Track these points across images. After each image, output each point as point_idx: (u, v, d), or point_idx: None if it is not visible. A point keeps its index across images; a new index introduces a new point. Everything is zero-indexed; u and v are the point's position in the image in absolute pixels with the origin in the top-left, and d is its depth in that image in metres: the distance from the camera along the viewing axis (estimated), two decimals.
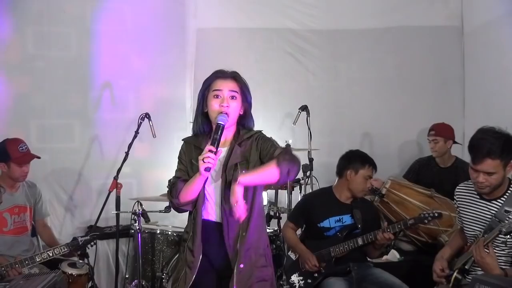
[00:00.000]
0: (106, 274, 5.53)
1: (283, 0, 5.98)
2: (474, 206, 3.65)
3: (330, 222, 4.38)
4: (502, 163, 3.37)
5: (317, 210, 4.44)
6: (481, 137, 3.46)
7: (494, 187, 3.45)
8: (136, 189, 5.51)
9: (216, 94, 2.96)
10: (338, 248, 4.25)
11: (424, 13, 6.16)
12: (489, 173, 3.38)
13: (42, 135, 5.42)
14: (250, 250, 3.02)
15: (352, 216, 4.35)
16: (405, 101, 6.16)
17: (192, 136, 3.15)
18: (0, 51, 5.29)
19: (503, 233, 3.19)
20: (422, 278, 4.06)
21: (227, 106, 2.92)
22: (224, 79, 3.00)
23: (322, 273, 4.27)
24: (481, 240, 3.26)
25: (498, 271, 3.21)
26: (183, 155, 3.14)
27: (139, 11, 5.67)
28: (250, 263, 3.01)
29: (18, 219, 4.66)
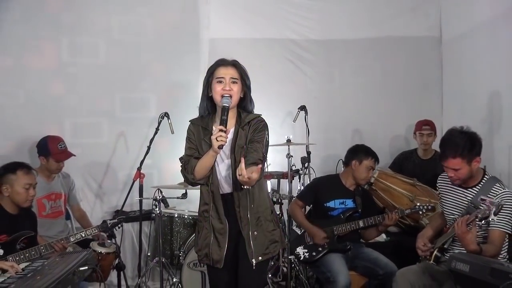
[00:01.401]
0: (130, 252, 5.54)
1: (284, 14, 5.97)
2: (453, 193, 3.67)
3: (335, 203, 4.47)
4: (465, 160, 3.41)
5: (325, 191, 4.52)
6: (447, 138, 3.55)
7: (464, 179, 3.50)
8: (156, 178, 5.51)
9: (219, 80, 3.01)
10: (341, 227, 4.32)
11: (407, 25, 6.14)
12: (455, 169, 3.43)
13: (75, 131, 5.43)
14: (260, 218, 3.09)
15: (354, 201, 4.43)
16: (390, 102, 6.14)
17: (198, 118, 3.18)
18: (39, 59, 5.31)
19: (479, 218, 3.20)
20: (405, 256, 4.06)
21: (230, 90, 2.98)
22: (226, 67, 3.07)
23: (326, 248, 4.30)
24: (464, 218, 3.26)
25: (475, 246, 3.20)
26: (192, 135, 3.17)
27: (158, 23, 5.66)
28: (262, 230, 3.09)
29: (54, 205, 4.68)
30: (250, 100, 3.15)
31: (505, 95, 5.00)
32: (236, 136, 3.05)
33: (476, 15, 5.47)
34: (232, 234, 3.09)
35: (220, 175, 3.11)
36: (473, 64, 5.57)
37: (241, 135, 3.05)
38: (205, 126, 3.12)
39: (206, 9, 5.79)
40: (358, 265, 4.30)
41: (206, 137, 3.07)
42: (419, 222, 4.66)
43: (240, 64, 3.13)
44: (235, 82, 3.03)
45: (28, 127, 5.07)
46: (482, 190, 3.47)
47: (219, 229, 3.09)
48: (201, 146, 3.10)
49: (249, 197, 3.06)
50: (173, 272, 4.99)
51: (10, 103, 5.21)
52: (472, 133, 3.47)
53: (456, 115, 5.59)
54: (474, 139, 3.44)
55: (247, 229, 3.05)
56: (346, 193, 4.49)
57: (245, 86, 3.10)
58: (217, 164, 3.09)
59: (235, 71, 3.07)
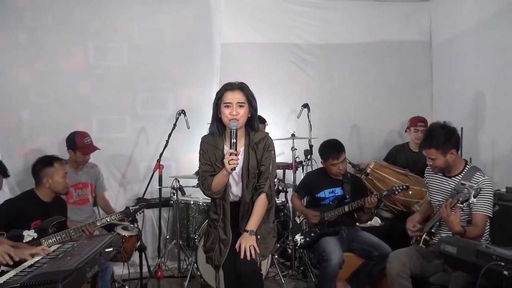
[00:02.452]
0: (151, 236, 5.54)
1: (289, 21, 5.93)
2: (438, 182, 3.70)
3: (325, 193, 4.47)
4: (439, 151, 3.46)
5: (315, 184, 4.54)
6: (428, 129, 3.60)
7: (440, 168, 3.54)
8: (174, 169, 5.51)
9: (226, 105, 2.99)
10: (329, 214, 4.32)
11: (400, 30, 6.12)
12: (431, 158, 3.49)
13: (101, 127, 5.44)
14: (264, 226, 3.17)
15: (343, 189, 4.39)
16: (385, 100, 6.12)
17: (210, 136, 3.19)
18: (68, 61, 5.33)
19: (460, 201, 3.25)
20: (398, 238, 4.07)
21: (237, 114, 2.97)
22: (233, 91, 3.03)
23: (318, 233, 4.32)
24: (448, 202, 3.28)
25: (459, 228, 3.23)
26: (205, 153, 3.18)
27: (175, 30, 5.64)
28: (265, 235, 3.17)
29: (81, 193, 4.70)
30: (255, 121, 3.16)
31: (489, 94, 5.00)
32: (247, 157, 3.11)
33: (462, 22, 5.45)
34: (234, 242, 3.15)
35: (232, 195, 3.18)
36: (460, 66, 5.56)
37: (252, 156, 3.11)
38: (215, 144, 3.15)
39: (218, 17, 5.77)
40: (355, 247, 4.29)
41: (217, 156, 3.13)
42: (410, 209, 4.67)
43: (247, 87, 3.10)
44: (242, 106, 3.02)
45: (59, 123, 5.09)
46: (464, 178, 3.49)
47: (223, 239, 3.15)
48: (215, 164, 3.14)
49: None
50: (189, 253, 5.01)
51: (43, 101, 5.24)
52: (451, 128, 3.52)
53: (444, 112, 5.57)
54: (451, 133, 3.49)
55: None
56: (334, 183, 4.47)
57: (251, 107, 3.08)
58: (229, 185, 3.15)
59: (241, 95, 3.04)
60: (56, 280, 2.26)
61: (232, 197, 3.19)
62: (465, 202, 3.22)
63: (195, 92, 5.64)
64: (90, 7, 5.39)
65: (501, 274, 2.36)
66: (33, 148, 5.11)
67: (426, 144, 3.51)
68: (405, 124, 5.55)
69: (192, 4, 5.69)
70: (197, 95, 5.59)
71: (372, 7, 6.05)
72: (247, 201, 3.13)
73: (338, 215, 4.32)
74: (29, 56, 5.18)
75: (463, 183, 3.32)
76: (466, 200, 3.20)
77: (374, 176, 4.89)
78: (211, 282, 4.50)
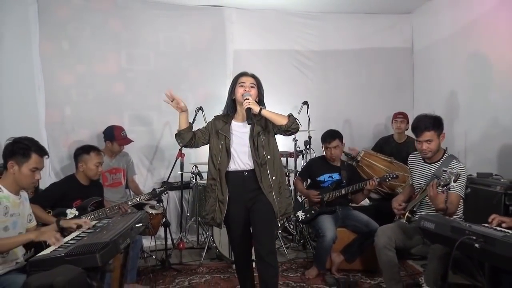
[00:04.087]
0: (174, 213, 5.56)
1: (291, 31, 5.91)
2: (420, 168, 3.68)
3: (324, 177, 4.49)
4: (436, 134, 3.43)
5: (316, 169, 4.56)
6: (418, 120, 3.52)
7: (434, 151, 3.49)
8: (193, 157, 5.50)
9: (241, 84, 3.12)
10: (328, 195, 4.35)
11: (386, 38, 6.07)
12: (428, 141, 3.43)
13: (131, 121, 5.45)
14: (281, 187, 3.16)
15: (340, 174, 4.41)
16: (373, 98, 6.08)
17: (221, 115, 3.29)
18: (104, 66, 5.34)
19: (441, 185, 3.23)
20: (384, 216, 4.08)
21: (249, 90, 3.09)
22: (247, 76, 3.19)
23: (317, 211, 4.33)
24: (434, 183, 3.25)
25: (443, 205, 3.24)
26: (211, 125, 3.27)
27: (194, 38, 5.63)
28: (282, 196, 3.17)
29: (115, 177, 4.73)
30: (262, 103, 3.22)
31: (462, 93, 4.98)
32: (252, 129, 3.13)
33: (439, 31, 5.41)
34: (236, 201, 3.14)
35: (237, 156, 3.15)
36: (437, 69, 5.53)
37: (258, 124, 3.13)
38: (226, 120, 3.22)
39: (231, 27, 5.75)
40: (348, 224, 4.31)
41: (220, 127, 3.19)
42: (394, 191, 4.66)
43: (257, 77, 3.22)
44: (253, 86, 3.14)
45: (96, 118, 5.10)
46: (443, 164, 3.48)
47: (221, 199, 3.14)
48: (216, 135, 3.19)
49: (269, 170, 3.10)
50: (206, 228, 5.02)
51: (83, 100, 5.25)
52: (436, 116, 3.51)
53: (424, 108, 5.48)
54: (438, 118, 3.49)
55: (271, 196, 3.09)
56: (332, 168, 4.49)
57: (260, 93, 3.19)
58: (234, 149, 3.15)
59: (253, 80, 3.17)
60: (94, 250, 2.27)
61: (243, 166, 3.15)
62: (446, 186, 3.20)
63: (211, 91, 5.62)
64: (123, 19, 5.40)
65: (473, 246, 2.34)
66: (74, 139, 5.13)
67: (426, 127, 3.41)
68: (390, 118, 5.54)
69: (209, 16, 5.67)
70: (213, 94, 5.56)
71: (363, 19, 6.00)
72: (258, 164, 3.10)
73: (336, 197, 4.35)
74: (71, 61, 5.19)
75: (444, 169, 3.30)
76: (446, 185, 3.18)
77: (364, 163, 4.89)
78: (225, 253, 4.52)
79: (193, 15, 5.61)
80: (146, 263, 4.58)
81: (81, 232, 2.81)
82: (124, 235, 2.60)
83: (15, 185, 2.75)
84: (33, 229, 2.95)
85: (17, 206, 2.76)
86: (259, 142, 3.10)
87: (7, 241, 2.57)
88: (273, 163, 3.14)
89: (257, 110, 3.00)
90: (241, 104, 3.09)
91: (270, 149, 3.14)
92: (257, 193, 3.11)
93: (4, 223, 2.63)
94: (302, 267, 4.51)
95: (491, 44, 4.44)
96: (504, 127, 4.23)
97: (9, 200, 2.70)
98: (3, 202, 2.64)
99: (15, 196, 2.76)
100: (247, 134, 3.15)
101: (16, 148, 2.71)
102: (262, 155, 3.09)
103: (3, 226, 2.62)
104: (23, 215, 2.83)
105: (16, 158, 2.70)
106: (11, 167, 2.70)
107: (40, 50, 5.02)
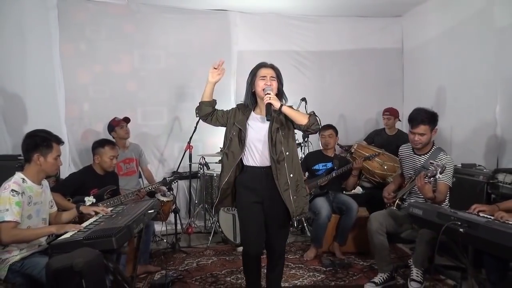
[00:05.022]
0: (183, 201, 5.56)
1: (290, 33, 5.87)
2: (410, 159, 3.66)
3: (319, 166, 4.54)
4: (430, 128, 3.41)
5: (312, 160, 4.60)
6: (417, 112, 3.48)
7: (424, 144, 3.47)
8: (201, 149, 5.50)
9: (262, 78, 2.83)
10: (322, 179, 4.40)
11: (378, 39, 6.03)
12: (421, 134, 3.42)
13: (144, 116, 5.45)
14: (299, 186, 2.83)
15: (333, 163, 4.47)
16: (365, 95, 6.04)
17: (243, 105, 2.97)
18: (118, 66, 5.35)
19: (428, 177, 3.23)
20: (376, 203, 4.07)
21: (270, 84, 2.80)
22: (267, 68, 2.88)
23: (312, 194, 4.36)
24: (422, 174, 3.25)
25: (431, 194, 3.24)
26: (232, 114, 2.94)
27: (202, 40, 5.59)
28: (300, 195, 2.83)
29: (129, 166, 4.72)
30: (283, 94, 2.91)
31: (448, 89, 4.94)
32: (272, 122, 2.78)
33: (427, 33, 5.37)
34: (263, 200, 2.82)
35: (255, 152, 2.82)
36: (425, 68, 5.49)
37: (277, 121, 2.79)
38: (244, 112, 2.92)
39: (235, 30, 5.72)
40: (335, 207, 4.37)
41: (241, 118, 2.88)
42: (385, 180, 4.64)
43: (276, 67, 2.92)
44: (274, 79, 2.83)
45: (111, 113, 5.05)
46: (431, 156, 3.47)
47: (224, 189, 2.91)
48: (233, 122, 2.89)
49: (287, 167, 2.77)
50: (213, 214, 5.02)
51: (99, 97, 5.26)
52: (433, 112, 3.48)
53: (412, 104, 5.39)
54: (435, 115, 3.46)
55: (287, 194, 2.76)
56: (326, 159, 4.53)
57: (280, 83, 2.89)
58: (252, 144, 2.83)
59: (273, 72, 2.86)
60: (110, 234, 2.28)
61: (261, 162, 2.81)
62: (432, 177, 3.21)
63: (217, 89, 5.51)
64: (135, 23, 5.38)
65: (458, 231, 2.34)
66: (91, 133, 5.15)
67: (422, 120, 3.39)
68: (380, 113, 5.54)
69: (215, 20, 5.63)
70: (218, 91, 5.40)
71: (356, 22, 5.95)
72: (275, 161, 2.75)
73: (328, 180, 4.39)
74: (89, 61, 5.20)
75: (431, 162, 3.29)
76: (433, 176, 3.20)
77: (357, 154, 4.87)
78: (230, 237, 4.53)
79: (200, 19, 5.57)
80: (157, 246, 4.61)
81: (98, 218, 2.82)
82: (138, 220, 2.61)
83: (38, 175, 2.75)
84: (54, 215, 2.97)
85: (39, 195, 2.76)
86: (277, 138, 2.75)
87: (30, 233, 2.60)
88: (291, 160, 2.79)
89: (278, 106, 2.70)
90: (261, 98, 2.79)
91: (289, 145, 2.79)
92: (273, 192, 2.78)
93: (28, 211, 2.64)
94: (300, 249, 4.51)
95: (475, 44, 4.41)
96: (486, 122, 4.21)
97: (32, 190, 2.70)
98: (27, 192, 2.64)
99: (38, 186, 2.76)
100: (265, 129, 2.80)
101: (39, 141, 2.70)
102: (279, 151, 2.74)
103: (27, 215, 2.63)
104: (45, 202, 2.84)
105: (40, 150, 2.70)
106: (37, 159, 2.70)
107: (60, 51, 5.04)
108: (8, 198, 2.50)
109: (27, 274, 2.56)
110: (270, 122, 2.79)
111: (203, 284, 3.64)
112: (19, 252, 2.61)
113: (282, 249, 2.98)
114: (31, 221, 2.65)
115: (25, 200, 2.60)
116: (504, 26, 3.99)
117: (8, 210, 2.48)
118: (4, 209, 2.48)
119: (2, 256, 2.59)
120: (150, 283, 3.61)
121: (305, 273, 3.89)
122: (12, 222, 2.48)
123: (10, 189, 2.54)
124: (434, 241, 3.02)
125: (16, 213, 2.50)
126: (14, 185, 2.56)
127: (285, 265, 3.99)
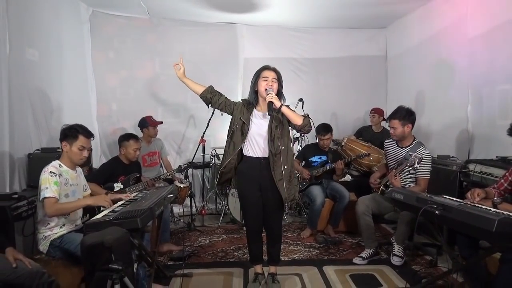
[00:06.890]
0: (198, 187, 5.56)
1: (289, 42, 5.82)
2: (393, 151, 3.65)
3: (315, 158, 4.49)
4: (400, 123, 3.40)
5: (308, 152, 4.54)
6: (396, 109, 3.51)
7: (399, 137, 3.48)
8: (212, 142, 5.50)
9: (265, 79, 2.81)
10: (316, 170, 4.37)
11: (365, 48, 5.96)
12: (393, 128, 3.44)
13: (163, 114, 5.43)
14: (291, 175, 2.84)
15: (327, 156, 4.39)
16: (354, 96, 5.99)
17: (247, 102, 2.93)
18: (142, 71, 5.36)
19: (408, 166, 3.22)
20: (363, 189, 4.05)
21: (271, 86, 2.78)
22: (269, 70, 2.86)
23: (307, 183, 4.35)
24: (393, 172, 3.31)
25: (400, 185, 3.32)
26: (239, 108, 2.91)
27: (213, 49, 5.56)
28: (292, 184, 2.84)
29: (152, 159, 4.72)
30: (282, 95, 2.89)
31: (426, 91, 4.90)
32: (272, 119, 2.78)
33: (408, 42, 5.31)
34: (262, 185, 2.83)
35: (256, 144, 2.82)
36: (407, 73, 5.43)
37: (276, 119, 2.78)
38: (248, 107, 2.89)
39: (242, 40, 5.68)
40: (328, 193, 4.34)
41: (244, 114, 2.86)
42: (371, 169, 4.61)
43: (278, 70, 2.90)
44: (275, 81, 2.81)
45: (136, 112, 5.07)
46: (412, 149, 3.45)
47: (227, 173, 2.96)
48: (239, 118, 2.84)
49: (282, 160, 2.77)
50: (222, 198, 5.03)
51: (126, 98, 5.27)
52: (410, 109, 3.47)
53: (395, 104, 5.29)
54: (410, 112, 3.44)
55: (281, 183, 2.77)
56: (321, 152, 4.48)
57: (280, 85, 2.86)
58: (253, 137, 2.82)
59: (275, 74, 2.84)
60: (136, 215, 2.28)
61: (260, 153, 2.81)
62: (411, 166, 3.22)
63: (226, 90, 5.35)
64: (157, 34, 5.37)
65: (434, 213, 2.33)
66: (119, 128, 5.14)
67: (392, 115, 3.44)
68: (368, 112, 5.49)
69: (224, 32, 5.60)
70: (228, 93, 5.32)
71: (346, 33, 5.89)
72: (272, 154, 2.76)
73: (321, 172, 4.36)
74: (116, 67, 5.20)
75: (410, 154, 3.30)
76: (412, 165, 3.20)
77: (347, 147, 4.85)
78: (237, 217, 4.53)
79: (212, 30, 5.54)
80: (176, 226, 4.62)
81: (125, 202, 2.82)
82: (159, 203, 2.61)
83: (70, 162, 2.75)
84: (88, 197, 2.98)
85: (75, 178, 2.78)
86: (275, 134, 2.76)
87: (70, 205, 2.63)
88: (286, 153, 2.80)
89: (278, 105, 2.68)
90: (263, 97, 2.78)
91: (284, 141, 2.80)
92: (269, 181, 2.80)
93: (66, 191, 2.68)
94: (298, 229, 4.52)
95: (450, 51, 4.37)
96: (459, 118, 4.18)
97: (68, 173, 2.72)
98: (64, 175, 2.67)
99: (72, 171, 2.77)
100: (265, 125, 2.80)
101: (68, 131, 2.72)
102: (277, 145, 2.76)
103: (65, 193, 2.67)
104: (80, 185, 2.85)
105: (67, 140, 2.71)
106: (64, 146, 2.72)
107: (92, 59, 5.05)
108: (47, 178, 2.55)
109: (65, 249, 2.58)
110: (270, 120, 2.80)
111: (214, 257, 3.66)
112: (59, 229, 2.65)
113: (278, 228, 3.00)
114: (68, 199, 2.68)
115: (62, 181, 2.64)
116: (475, 36, 3.96)
117: (48, 188, 2.53)
118: (45, 188, 2.53)
119: (45, 233, 2.63)
120: (170, 257, 3.63)
121: (302, 248, 3.89)
122: (52, 198, 2.53)
123: (49, 171, 2.58)
124: (413, 222, 3.02)
125: (54, 191, 2.54)
126: (52, 168, 2.61)
127: (284, 242, 4.02)
